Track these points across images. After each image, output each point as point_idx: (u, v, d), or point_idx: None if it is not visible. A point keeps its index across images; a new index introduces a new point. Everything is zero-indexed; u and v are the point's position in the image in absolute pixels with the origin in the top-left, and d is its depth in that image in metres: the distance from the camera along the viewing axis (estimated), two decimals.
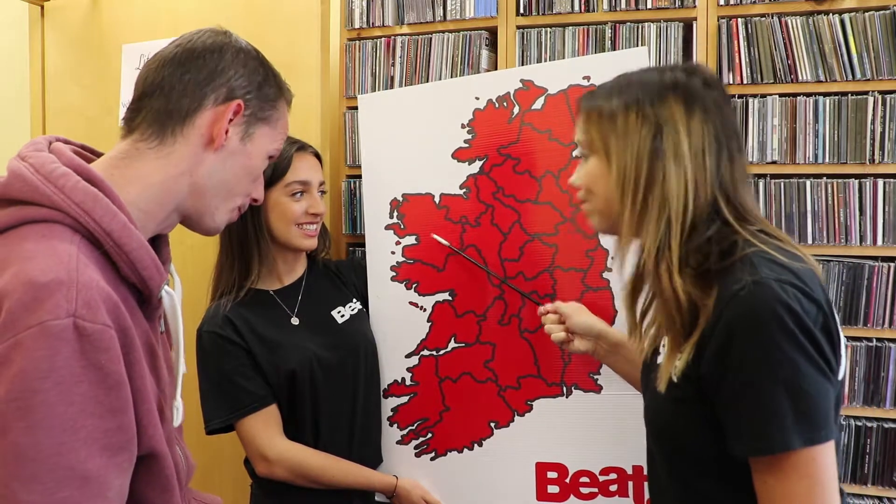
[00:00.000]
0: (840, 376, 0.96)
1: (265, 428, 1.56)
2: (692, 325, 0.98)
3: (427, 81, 1.93)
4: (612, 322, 1.55)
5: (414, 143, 1.74)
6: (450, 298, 1.72)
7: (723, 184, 1.00)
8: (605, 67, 1.61)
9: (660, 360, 1.06)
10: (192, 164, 0.92)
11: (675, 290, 0.97)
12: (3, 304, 0.76)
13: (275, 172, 1.56)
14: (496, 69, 1.89)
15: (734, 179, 1.02)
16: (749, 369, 0.90)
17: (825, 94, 1.67)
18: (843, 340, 0.96)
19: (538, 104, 1.64)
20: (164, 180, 0.91)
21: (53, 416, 0.74)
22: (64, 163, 0.85)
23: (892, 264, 1.63)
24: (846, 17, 1.64)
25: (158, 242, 0.99)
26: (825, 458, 0.90)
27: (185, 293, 1.05)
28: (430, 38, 1.93)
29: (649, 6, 1.77)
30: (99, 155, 0.95)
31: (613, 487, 1.63)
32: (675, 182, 0.98)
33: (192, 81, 0.92)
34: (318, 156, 1.67)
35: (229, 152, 0.94)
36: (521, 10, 1.87)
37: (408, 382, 1.75)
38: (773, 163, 1.70)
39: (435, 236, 1.69)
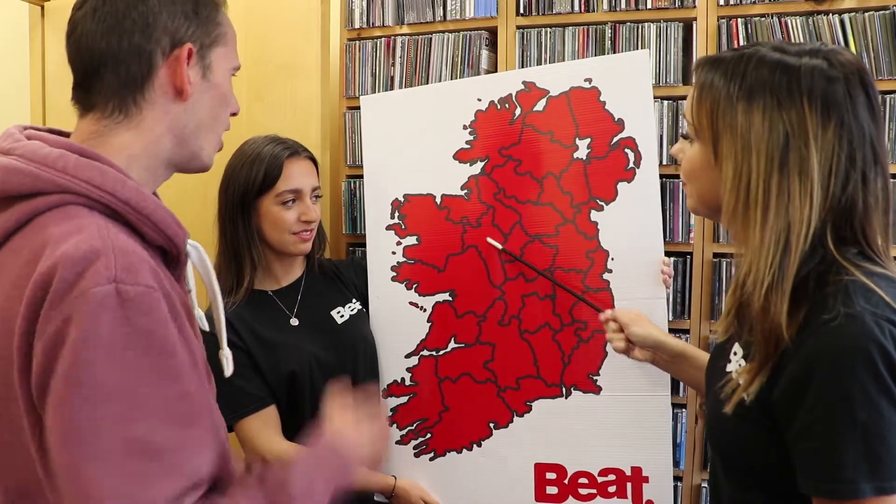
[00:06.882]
0: None
1: (264, 429, 1.55)
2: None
3: (427, 82, 1.93)
4: None
5: (415, 144, 1.74)
6: (450, 299, 1.72)
7: (847, 210, 0.88)
8: (606, 70, 1.61)
9: (729, 367, 0.99)
10: (166, 122, 0.89)
11: (781, 325, 0.86)
12: (50, 286, 0.74)
13: (265, 181, 1.54)
14: (496, 69, 1.89)
15: (866, 206, 0.88)
16: (826, 406, 0.83)
17: None
18: None
19: (540, 106, 1.64)
20: (146, 147, 0.88)
21: (106, 385, 0.72)
22: (52, 145, 0.82)
23: None
24: (846, 17, 1.64)
25: None
26: None
27: None
28: (430, 39, 1.93)
29: (649, 6, 1.77)
30: (68, 136, 0.91)
31: (612, 489, 1.63)
32: (798, 202, 0.86)
33: (132, 46, 0.87)
34: (313, 158, 1.64)
35: (198, 94, 0.90)
36: (521, 11, 1.86)
37: (407, 383, 1.75)
38: None
39: (489, 240, 1.66)
